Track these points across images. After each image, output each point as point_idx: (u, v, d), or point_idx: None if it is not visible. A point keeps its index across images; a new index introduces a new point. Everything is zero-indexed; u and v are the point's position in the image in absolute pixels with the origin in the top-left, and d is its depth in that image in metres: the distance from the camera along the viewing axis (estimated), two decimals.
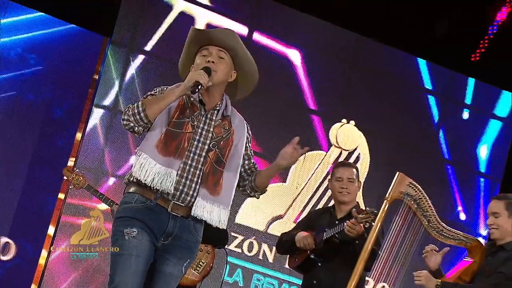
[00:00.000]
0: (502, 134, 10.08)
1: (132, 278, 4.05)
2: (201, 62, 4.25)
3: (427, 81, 9.90)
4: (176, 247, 4.20)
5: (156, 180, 4.06)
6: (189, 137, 4.18)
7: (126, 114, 4.12)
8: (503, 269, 5.56)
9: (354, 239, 5.84)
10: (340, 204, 6.23)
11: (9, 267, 8.38)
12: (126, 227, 4.10)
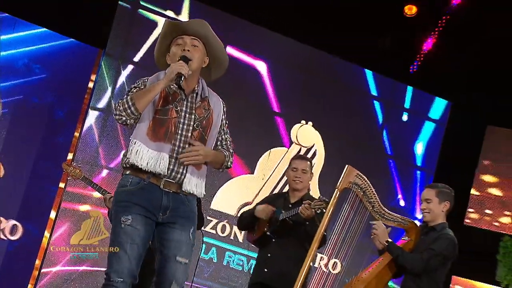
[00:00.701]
0: (435, 133, 10.22)
1: (127, 262, 3.98)
2: (177, 51, 4.15)
3: (372, 88, 9.99)
4: (176, 217, 4.09)
5: (150, 163, 4.00)
6: (175, 122, 4.09)
7: (117, 109, 4.04)
8: (433, 246, 5.69)
9: (305, 221, 5.90)
10: (294, 190, 6.25)
11: (17, 245, 8.40)
12: (123, 214, 4.03)
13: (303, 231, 5.99)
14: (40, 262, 8.41)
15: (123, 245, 3.98)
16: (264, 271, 6.15)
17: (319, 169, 9.51)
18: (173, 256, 4.05)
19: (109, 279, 3.97)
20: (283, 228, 6.07)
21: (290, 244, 6.09)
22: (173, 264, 4.04)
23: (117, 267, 3.97)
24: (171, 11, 9.07)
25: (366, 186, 5.70)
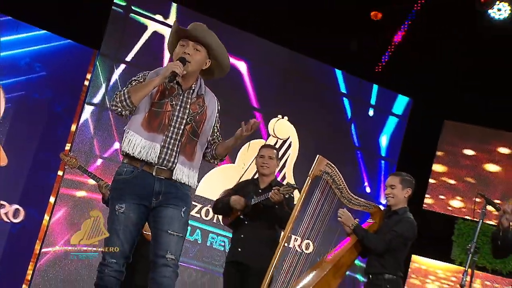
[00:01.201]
0: (398, 127, 10.27)
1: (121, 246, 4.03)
2: (179, 52, 4.12)
3: (342, 86, 10.01)
4: (169, 198, 4.06)
5: (142, 152, 3.99)
6: (169, 115, 4.06)
7: (114, 100, 4.02)
8: (395, 228, 5.76)
9: (274, 205, 5.93)
10: (262, 176, 6.27)
11: (19, 228, 8.38)
12: (117, 203, 4.05)
13: (273, 213, 6.03)
14: (40, 243, 8.41)
15: (116, 231, 4.02)
16: (238, 250, 6.17)
17: (294, 158, 9.57)
18: (166, 230, 4.03)
19: (104, 259, 4.01)
20: (254, 212, 6.10)
21: (261, 226, 6.13)
22: (166, 237, 4.02)
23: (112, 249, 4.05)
24: (160, 15, 9.05)
25: (335, 174, 5.73)
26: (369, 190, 9.85)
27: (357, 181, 9.75)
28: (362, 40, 10.14)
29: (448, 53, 9.63)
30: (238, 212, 6.14)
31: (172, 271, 4.01)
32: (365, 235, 5.81)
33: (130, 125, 4.06)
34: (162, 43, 9.00)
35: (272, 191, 5.87)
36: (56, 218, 8.49)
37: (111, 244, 4.04)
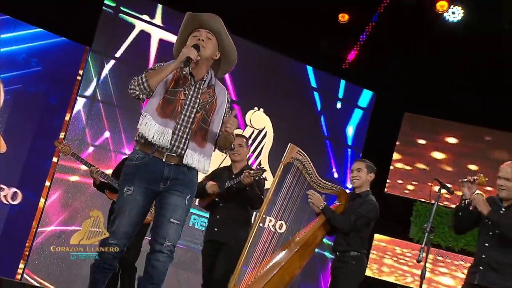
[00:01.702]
0: (362, 119, 10.31)
1: (124, 227, 3.96)
2: (192, 41, 4.05)
3: (312, 81, 10.04)
4: (176, 185, 3.99)
5: (156, 136, 3.90)
6: (181, 103, 3.98)
7: (132, 85, 3.93)
8: (359, 210, 5.82)
9: (246, 187, 5.94)
10: (234, 162, 6.28)
11: (17, 209, 8.36)
12: (126, 185, 3.98)
13: (245, 195, 6.03)
14: (36, 223, 8.41)
15: (123, 212, 3.96)
16: (215, 230, 6.16)
17: (269, 147, 9.60)
18: (169, 218, 3.97)
19: (107, 238, 3.97)
20: (228, 195, 6.11)
21: (235, 208, 6.13)
22: (167, 224, 3.96)
23: (115, 229, 3.97)
24: (146, 15, 9.04)
25: (306, 160, 5.73)
26: (337, 175, 9.89)
27: (326, 167, 9.78)
28: (331, 40, 10.17)
29: (407, 52, 9.69)
30: (213, 195, 6.16)
31: (166, 256, 3.99)
32: (332, 215, 5.85)
33: (147, 110, 3.96)
34: (148, 40, 9.01)
35: (243, 174, 5.89)
36: (51, 201, 8.50)
37: (116, 225, 3.97)
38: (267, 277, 5.53)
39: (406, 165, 9.70)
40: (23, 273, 8.29)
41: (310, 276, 9.37)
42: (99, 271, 4.03)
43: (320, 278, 9.45)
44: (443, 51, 9.45)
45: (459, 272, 9.06)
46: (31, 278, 8.30)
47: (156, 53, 9.03)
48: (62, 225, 8.51)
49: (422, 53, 9.60)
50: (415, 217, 9.36)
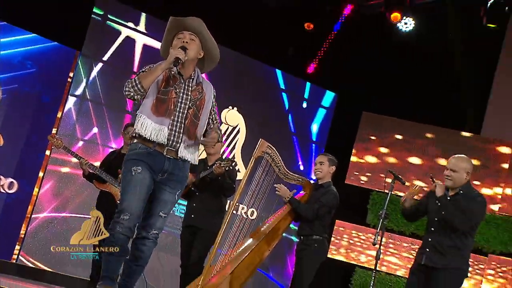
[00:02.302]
0: (326, 117, 10.32)
1: (136, 202, 3.85)
2: (178, 43, 3.99)
3: (281, 83, 10.03)
4: (170, 180, 3.97)
5: (153, 134, 3.86)
6: (174, 101, 3.93)
7: (127, 87, 3.88)
8: (322, 199, 5.87)
9: (218, 177, 6.01)
10: (209, 155, 6.34)
11: (13, 197, 8.31)
12: (133, 166, 3.89)
13: (218, 185, 6.10)
14: (31, 210, 8.37)
15: (134, 188, 3.86)
16: (191, 217, 6.22)
17: (242, 142, 9.60)
18: (158, 212, 3.95)
19: (119, 215, 3.85)
20: (203, 184, 6.16)
21: (209, 196, 6.20)
22: (156, 217, 3.95)
23: (126, 206, 3.85)
24: (131, 23, 8.98)
25: (275, 154, 5.73)
26: (302, 168, 9.91)
27: (293, 160, 9.80)
28: (298, 46, 10.20)
29: (366, 58, 9.74)
30: (189, 185, 6.17)
31: (152, 242, 3.98)
32: (298, 205, 5.89)
33: (142, 111, 3.92)
34: (133, 45, 8.98)
35: (215, 165, 5.96)
36: (44, 190, 8.46)
37: (128, 201, 3.87)
38: (240, 258, 5.56)
39: (363, 158, 9.75)
40: (19, 255, 8.24)
41: (278, 257, 9.42)
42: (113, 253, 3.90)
43: (287, 260, 9.51)
44: (397, 57, 9.52)
45: (407, 253, 9.15)
46: (26, 260, 8.26)
47: (140, 57, 9.01)
48: (54, 212, 8.49)
49: (379, 58, 9.65)
50: (371, 205, 9.42)
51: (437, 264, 5.04)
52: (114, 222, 3.86)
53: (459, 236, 5.06)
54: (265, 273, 9.43)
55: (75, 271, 8.09)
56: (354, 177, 9.68)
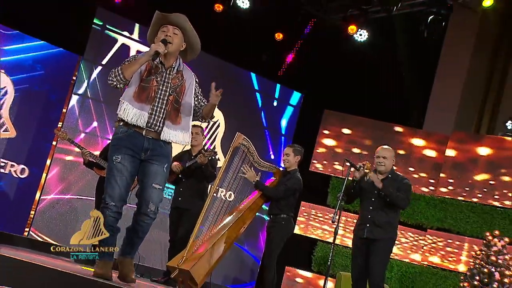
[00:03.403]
0: (293, 114, 10.29)
1: (117, 189, 3.72)
2: (161, 36, 3.81)
3: (255, 85, 10.00)
4: (154, 156, 3.79)
5: (134, 119, 3.70)
6: (155, 89, 3.75)
7: (110, 76, 3.76)
8: (287, 183, 5.93)
9: (201, 166, 6.04)
10: (193, 147, 6.33)
11: (25, 181, 8.30)
12: (114, 154, 3.75)
13: (201, 172, 6.13)
14: (39, 192, 8.36)
15: (114, 177, 3.72)
16: (179, 199, 6.27)
17: (221, 135, 9.59)
18: (151, 183, 3.77)
19: (105, 202, 3.74)
20: (188, 172, 6.20)
21: (194, 182, 6.23)
22: (150, 189, 3.77)
23: (111, 193, 3.72)
24: (126, 32, 8.96)
25: (250, 145, 5.75)
26: (273, 157, 9.90)
27: (265, 151, 9.80)
28: (270, 53, 10.20)
29: (328, 63, 9.79)
30: (178, 173, 6.21)
31: (150, 218, 3.84)
32: (263, 188, 5.93)
33: (124, 97, 3.77)
34: (128, 51, 8.94)
35: (198, 156, 6.00)
36: (51, 175, 8.44)
37: (110, 188, 3.74)
38: (219, 234, 5.59)
39: (324, 149, 9.82)
40: (29, 231, 8.25)
41: (252, 233, 9.47)
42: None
43: (259, 235, 9.56)
44: (354, 63, 9.58)
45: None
46: (35, 235, 8.28)
47: None
48: (59, 194, 8.48)
49: (338, 64, 9.71)
50: (331, 189, 9.49)
51: (377, 236, 5.24)
52: (102, 207, 3.75)
53: (392, 212, 5.29)
54: (241, 247, 9.48)
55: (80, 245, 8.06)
56: (316, 165, 9.74)
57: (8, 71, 8.20)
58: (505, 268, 7.57)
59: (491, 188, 8.75)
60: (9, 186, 8.23)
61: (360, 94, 9.69)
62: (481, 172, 8.86)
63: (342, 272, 6.98)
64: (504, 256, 7.66)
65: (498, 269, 7.54)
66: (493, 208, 8.66)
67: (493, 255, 7.62)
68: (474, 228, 8.65)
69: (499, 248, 7.68)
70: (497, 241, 7.74)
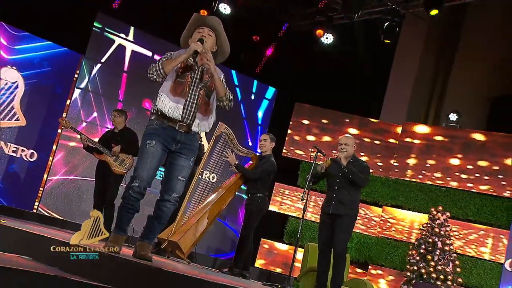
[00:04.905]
0: (268, 106, 10.31)
1: (146, 171, 3.52)
2: (197, 36, 3.66)
3: (235, 80, 9.99)
4: (184, 149, 3.62)
5: (170, 111, 3.51)
6: (189, 84, 3.58)
7: (151, 70, 3.54)
8: (263, 166, 6.01)
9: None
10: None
11: (34, 164, 8.28)
12: (148, 139, 3.55)
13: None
14: (47, 174, 8.34)
15: (146, 159, 3.52)
16: None
17: None
18: (177, 175, 3.63)
19: (131, 182, 3.55)
20: None
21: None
22: (176, 181, 3.63)
23: (140, 173, 3.52)
24: (123, 34, 8.92)
25: (231, 133, 5.85)
26: (251, 144, 9.91)
27: (244, 138, 9.82)
28: (248, 53, 10.20)
29: (299, 62, 9.83)
30: None
31: (172, 204, 3.68)
32: (242, 169, 5.97)
33: (162, 90, 3.56)
34: (123, 51, 8.92)
35: None
36: (56, 159, 8.41)
37: (140, 170, 3.53)
38: (203, 210, 5.66)
39: (295, 137, 9.88)
40: (38, 207, 8.24)
41: (232, 210, 9.52)
42: (124, 210, 3.59)
43: (239, 211, 9.63)
44: (321, 62, 9.63)
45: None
46: (43, 211, 8.27)
47: (129, 60, 8.95)
48: (64, 175, 8.46)
49: (308, 63, 9.76)
50: (301, 171, 9.53)
51: (341, 212, 5.26)
52: (127, 187, 3.57)
53: (354, 192, 5.35)
54: (222, 221, 9.55)
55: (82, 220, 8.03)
56: (288, 151, 9.80)
57: (19, 68, 8.15)
58: (446, 238, 7.75)
59: (436, 171, 8.91)
60: (20, 168, 8.21)
61: (327, 89, 9.76)
62: (429, 157, 9.01)
63: (310, 243, 7.06)
64: (445, 228, 7.85)
65: (441, 239, 7.72)
66: (438, 187, 8.82)
67: (436, 227, 7.80)
68: (421, 204, 8.81)
69: (441, 221, 7.87)
70: (440, 215, 7.91)
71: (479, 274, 8.11)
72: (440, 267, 7.56)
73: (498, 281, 7.93)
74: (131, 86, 8.87)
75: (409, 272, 7.73)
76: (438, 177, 8.86)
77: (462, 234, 8.40)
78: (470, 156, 8.73)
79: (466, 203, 8.53)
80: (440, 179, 8.84)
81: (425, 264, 7.60)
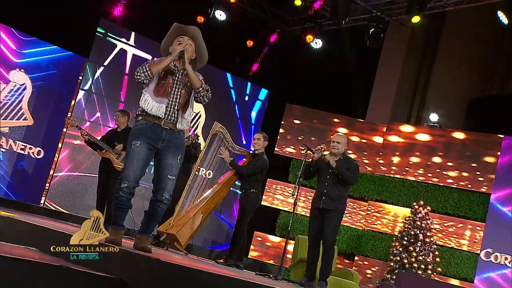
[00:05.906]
0: (261, 107, 10.29)
1: (133, 171, 3.45)
2: (175, 45, 3.62)
3: (230, 83, 9.98)
4: (170, 147, 3.54)
5: (154, 110, 3.47)
6: (170, 85, 3.54)
7: (138, 72, 3.50)
8: (256, 163, 5.88)
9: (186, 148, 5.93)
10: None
11: (41, 161, 8.25)
12: (133, 140, 3.50)
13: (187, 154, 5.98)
14: (53, 170, 8.32)
15: (132, 160, 3.46)
16: None
17: (202, 124, 9.57)
18: (166, 174, 3.54)
19: (120, 183, 3.50)
20: None
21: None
22: (165, 180, 3.54)
23: (127, 174, 3.47)
24: (124, 39, 8.89)
25: (226, 132, 5.78)
26: (245, 142, 9.89)
27: (238, 137, 9.80)
28: (242, 57, 10.20)
29: (290, 66, 9.85)
30: None
31: (164, 204, 3.61)
32: (236, 166, 5.94)
33: (146, 90, 3.54)
34: (125, 55, 8.90)
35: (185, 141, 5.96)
36: (62, 156, 8.39)
37: (127, 171, 3.47)
38: (200, 204, 5.64)
39: (287, 135, 9.90)
40: (45, 202, 8.22)
41: (227, 205, 9.52)
42: (118, 209, 3.56)
43: (233, 206, 9.62)
44: (311, 66, 9.64)
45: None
46: (49, 205, 8.25)
47: (130, 63, 8.93)
48: (69, 171, 8.45)
49: (298, 66, 9.77)
50: (292, 168, 9.56)
51: (330, 206, 5.22)
52: (117, 188, 3.52)
53: (343, 188, 5.32)
54: (218, 215, 9.54)
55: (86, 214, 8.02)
56: (280, 149, 9.81)
57: (27, 71, 8.12)
58: (427, 231, 7.80)
59: (419, 168, 8.95)
60: (28, 165, 8.18)
61: (317, 91, 9.79)
62: (412, 155, 9.06)
63: (300, 236, 7.07)
64: (426, 221, 7.90)
65: (422, 231, 7.76)
66: (420, 183, 8.87)
67: (418, 221, 7.85)
68: (404, 199, 8.86)
69: (423, 215, 7.91)
70: (422, 209, 7.96)
71: (457, 264, 8.17)
72: (421, 258, 7.61)
73: (474, 270, 8.00)
74: (132, 88, 8.85)
75: (392, 262, 7.78)
76: (420, 173, 8.91)
77: (442, 227, 8.45)
78: (450, 154, 8.78)
79: (445, 197, 8.59)
80: (422, 176, 8.89)
81: (407, 255, 7.64)
